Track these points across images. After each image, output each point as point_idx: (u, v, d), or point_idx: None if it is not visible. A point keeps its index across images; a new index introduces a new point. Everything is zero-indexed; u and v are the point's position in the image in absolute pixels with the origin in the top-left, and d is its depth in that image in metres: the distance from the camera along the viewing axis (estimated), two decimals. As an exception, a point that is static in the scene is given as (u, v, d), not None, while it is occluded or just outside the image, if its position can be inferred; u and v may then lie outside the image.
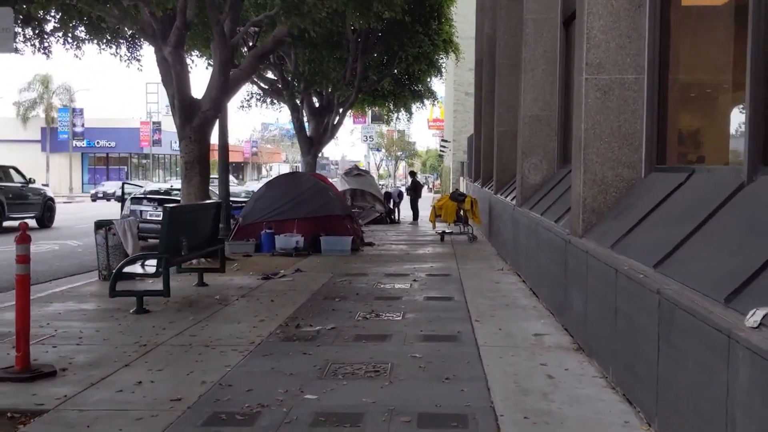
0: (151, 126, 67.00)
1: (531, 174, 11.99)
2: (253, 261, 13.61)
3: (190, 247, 9.21)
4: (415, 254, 14.83)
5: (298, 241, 14.81)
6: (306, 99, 23.71)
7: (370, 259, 13.82)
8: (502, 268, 12.28)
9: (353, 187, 25.55)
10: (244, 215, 15.79)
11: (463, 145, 39.10)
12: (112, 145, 67.98)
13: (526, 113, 12.03)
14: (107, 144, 67.86)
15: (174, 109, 13.18)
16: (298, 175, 16.64)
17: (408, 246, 16.56)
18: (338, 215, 15.70)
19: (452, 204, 17.57)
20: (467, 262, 13.37)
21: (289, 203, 15.72)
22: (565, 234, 7.51)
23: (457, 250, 15.55)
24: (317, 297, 9.43)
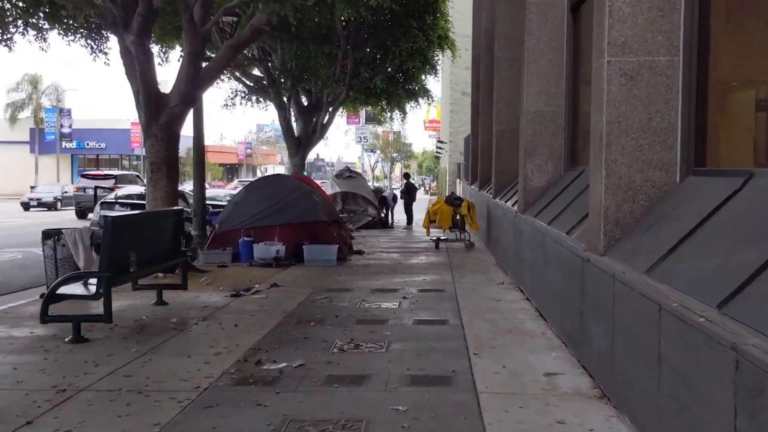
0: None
1: (535, 176, 10.71)
2: (226, 273, 12.30)
3: (142, 261, 7.91)
4: (408, 264, 13.54)
5: (279, 251, 13.51)
6: (294, 97, 22.43)
7: (357, 271, 12.53)
8: (502, 281, 10.99)
9: (344, 190, 24.27)
10: (221, 221, 14.49)
11: (460, 146, 37.87)
12: (102, 147, 66.82)
13: (528, 109, 10.75)
14: (97, 145, 66.69)
15: (139, 105, 11.89)
16: (281, 178, 15.36)
17: (400, 254, 15.28)
18: (324, 221, 14.41)
19: (448, 208, 16.29)
20: (464, 273, 12.09)
21: (270, 208, 14.42)
22: (582, 250, 6.23)
23: (453, 259, 14.26)
24: (290, 320, 8.13)
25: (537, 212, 9.73)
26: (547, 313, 7.97)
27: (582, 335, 6.08)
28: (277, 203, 14.48)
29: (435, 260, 14.19)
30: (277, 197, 14.59)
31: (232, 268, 13.07)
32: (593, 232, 5.99)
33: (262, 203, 14.51)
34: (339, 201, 24.03)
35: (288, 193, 14.71)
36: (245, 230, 14.13)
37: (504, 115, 15.31)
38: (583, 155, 10.44)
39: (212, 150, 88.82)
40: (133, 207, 16.36)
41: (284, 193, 14.69)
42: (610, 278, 5.13)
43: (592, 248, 5.98)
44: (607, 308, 5.21)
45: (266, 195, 14.69)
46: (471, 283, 11.01)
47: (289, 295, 9.89)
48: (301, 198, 14.66)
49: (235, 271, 12.62)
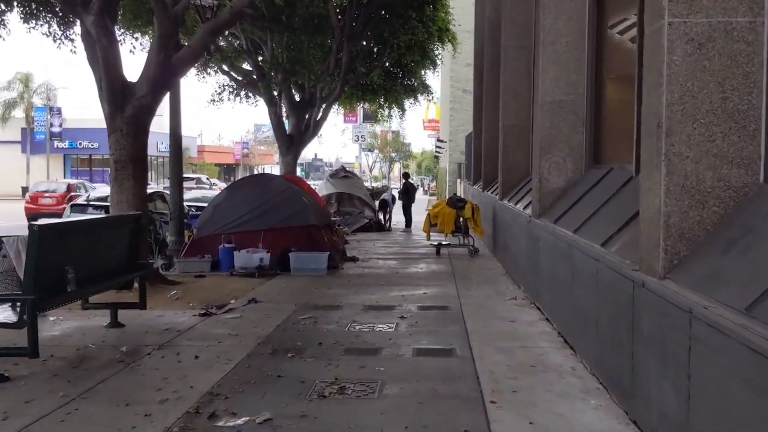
0: (135, 126, 64.29)
1: (552, 175, 9.33)
2: (202, 285, 10.91)
3: (84, 279, 6.52)
4: (406, 273, 12.15)
5: (263, 259, 12.12)
6: (285, 92, 21.02)
7: (350, 282, 11.14)
8: (515, 296, 9.59)
9: (339, 191, 22.91)
10: (200, 226, 13.09)
11: (461, 145, 36.49)
12: (95, 147, 65.37)
13: (544, 98, 9.35)
14: (90, 145, 65.27)
15: (102, 95, 10.49)
16: (267, 178, 13.98)
17: (398, 261, 13.88)
18: (314, 225, 13.00)
19: (450, 211, 14.90)
20: (470, 285, 10.69)
21: (254, 211, 13.03)
22: (629, 269, 4.85)
23: (456, 267, 12.87)
24: (263, 349, 6.73)
25: (556, 217, 8.34)
26: (576, 341, 6.58)
27: (633, 382, 4.69)
28: (261, 206, 13.09)
29: (436, 269, 12.80)
30: (262, 199, 13.20)
31: (210, 278, 11.68)
32: (648, 248, 4.59)
33: (245, 206, 13.12)
34: (334, 202, 22.68)
35: (274, 194, 13.32)
36: (226, 236, 12.74)
37: (511, 108, 13.95)
38: (609, 151, 9.07)
39: (209, 150, 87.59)
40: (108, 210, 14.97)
41: (270, 195, 13.30)
42: (683, 314, 3.75)
43: (646, 268, 4.59)
44: (678, 355, 3.83)
45: (250, 196, 13.29)
46: (478, 297, 9.62)
47: (268, 313, 8.49)
48: (289, 200, 13.26)
49: (212, 282, 11.23)
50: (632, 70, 7.11)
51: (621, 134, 9.00)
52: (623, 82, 8.54)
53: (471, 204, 14.89)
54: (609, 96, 9.16)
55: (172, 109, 13.57)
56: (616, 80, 8.92)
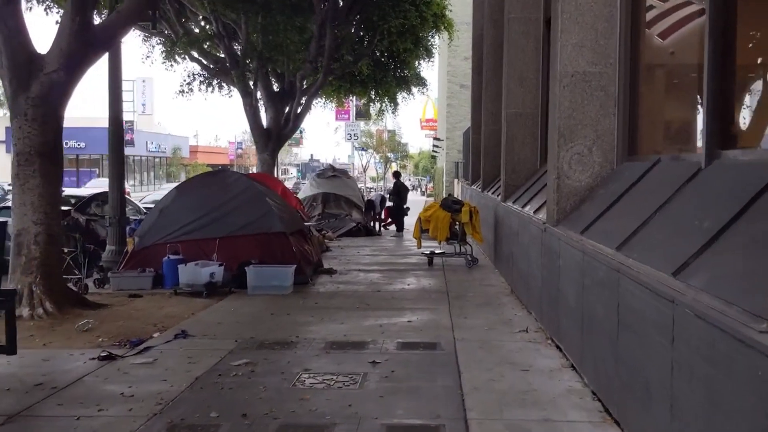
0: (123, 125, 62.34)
1: (574, 170, 7.13)
2: (131, 308, 8.70)
3: None
4: (390, 291, 9.95)
5: (214, 274, 9.90)
6: (261, 81, 18.82)
7: (317, 304, 8.93)
8: (525, 328, 7.37)
9: (325, 191, 20.68)
10: (142, 234, 10.88)
11: (458, 143, 34.31)
12: (81, 146, 63.48)
13: (564, 70, 7.15)
14: (76, 145, 63.22)
15: (3, 71, 8.29)
16: (225, 176, 11.74)
17: (382, 274, 11.67)
18: (280, 233, 10.79)
19: (444, 215, 12.69)
20: (467, 309, 8.49)
21: (207, 216, 10.83)
22: (757, 332, 2.66)
23: (451, 282, 10.66)
24: (155, 427, 4.53)
25: (584, 226, 6.14)
26: (630, 418, 4.37)
27: None
28: (217, 209, 10.90)
29: (427, 284, 10.59)
30: (218, 201, 11.00)
31: (147, 298, 9.47)
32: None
33: (197, 209, 10.92)
34: (319, 204, 20.49)
35: (233, 195, 11.12)
36: (172, 245, 10.54)
37: (516, 94, 11.76)
38: (650, 138, 6.88)
39: (202, 150, 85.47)
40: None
41: (227, 196, 11.10)
42: None
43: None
44: None
45: (203, 198, 11.09)
46: (478, 328, 7.41)
47: (193, 356, 6.28)
48: (251, 202, 11.06)
49: (147, 303, 9.02)
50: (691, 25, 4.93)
51: (671, 114, 6.81)
52: (677, 43, 6.36)
53: (469, 206, 12.69)
54: (652, 67, 6.98)
55: (111, 91, 11.41)
56: (662, 43, 6.74)
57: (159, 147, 72.36)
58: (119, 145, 11.47)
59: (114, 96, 11.26)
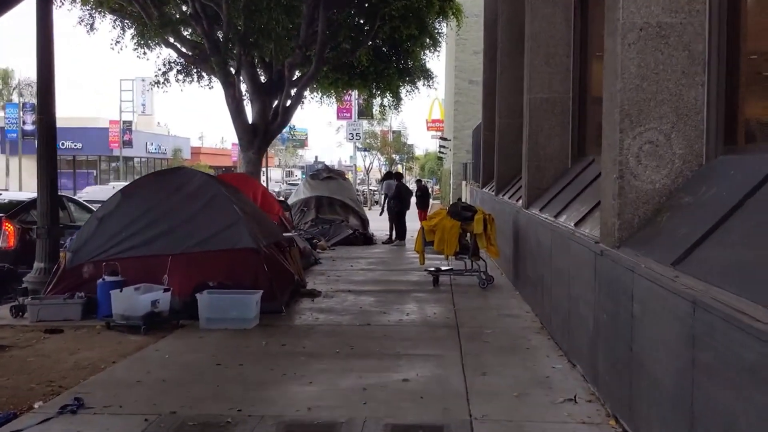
0: (121, 125, 60.40)
1: (644, 167, 4.90)
2: (37, 351, 6.52)
3: None
4: (382, 326, 7.70)
5: (157, 302, 7.69)
6: (246, 70, 16.62)
7: (284, 347, 6.70)
8: (574, 397, 5.11)
9: (319, 194, 18.48)
10: (77, 248, 8.66)
11: (467, 143, 32.08)
12: (78, 147, 61.60)
13: (629, 20, 4.90)
14: (73, 145, 61.38)
15: None
16: (183, 176, 9.50)
17: (376, 298, 9.43)
18: (249, 249, 8.57)
19: (452, 224, 10.44)
20: (485, 359, 6.24)
21: (159, 227, 8.66)
22: None
23: (461, 312, 8.42)
24: None
25: (678, 255, 3.90)
26: None
27: None
28: (171, 218, 8.71)
29: (431, 314, 8.35)
30: (172, 208, 8.82)
31: (69, 334, 7.29)
32: None
33: (147, 218, 8.73)
34: (312, 208, 18.32)
35: (191, 201, 8.92)
36: (108, 264, 8.33)
37: (543, 75, 9.58)
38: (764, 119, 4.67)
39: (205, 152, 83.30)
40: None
41: (185, 202, 8.90)
42: None
43: None
44: None
45: (154, 204, 8.89)
46: (504, 395, 5.17)
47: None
48: (214, 210, 8.85)
49: (61, 344, 6.82)
50: None
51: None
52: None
53: (483, 213, 10.44)
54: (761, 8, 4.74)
55: (40, 80, 9.19)
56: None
57: (159, 148, 70.46)
58: (49, 140, 9.24)
59: (43, 84, 9.03)
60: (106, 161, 64.21)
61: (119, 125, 61.54)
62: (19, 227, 10.61)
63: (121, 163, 62.16)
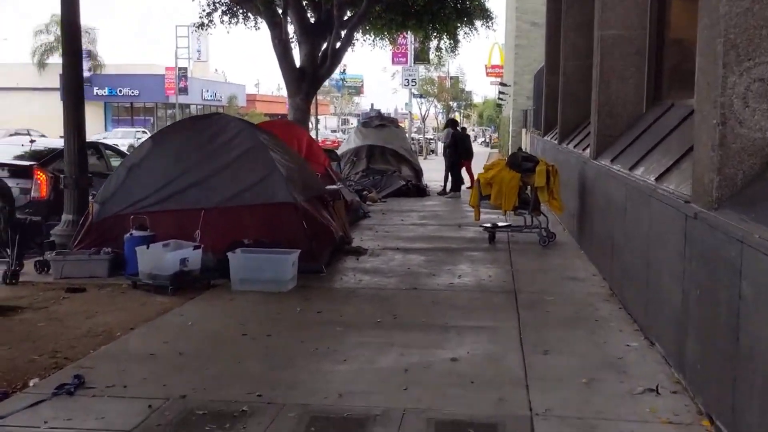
0: (176, 72, 60.25)
1: (753, 111, 3.95)
2: (51, 313, 5.97)
3: None
4: (431, 291, 6.93)
5: (186, 260, 7.07)
6: (294, 10, 15.72)
7: (320, 315, 5.98)
8: (655, 387, 4.24)
9: (371, 143, 17.64)
10: (104, 199, 8.09)
11: (527, 88, 30.68)
12: (135, 94, 62.01)
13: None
14: (130, 92, 61.80)
15: None
16: (218, 123, 8.77)
17: (426, 257, 8.65)
18: (287, 204, 7.85)
19: (511, 176, 9.52)
20: (547, 333, 5.42)
21: (191, 177, 8.00)
22: None
23: (520, 275, 7.58)
24: None
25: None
26: None
27: None
28: (204, 169, 8.05)
29: (486, 276, 7.54)
30: (206, 158, 8.14)
31: (92, 294, 6.75)
32: None
33: (178, 168, 8.09)
34: (363, 158, 17.50)
35: (226, 150, 8.21)
36: (136, 217, 7.72)
37: (616, 10, 8.52)
38: None
39: (260, 99, 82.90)
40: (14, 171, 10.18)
41: (219, 151, 8.21)
42: None
43: None
44: None
45: (187, 153, 8.23)
46: (570, 380, 4.37)
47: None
48: (250, 160, 8.14)
49: (79, 305, 6.26)
50: None
51: None
52: None
53: (545, 165, 9.49)
54: None
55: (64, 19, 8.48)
56: None
57: (215, 95, 70.30)
58: (76, 77, 8.61)
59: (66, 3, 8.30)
60: (162, 108, 64.53)
61: (175, 72, 61.32)
62: (52, 176, 10.10)
63: (177, 110, 62.17)
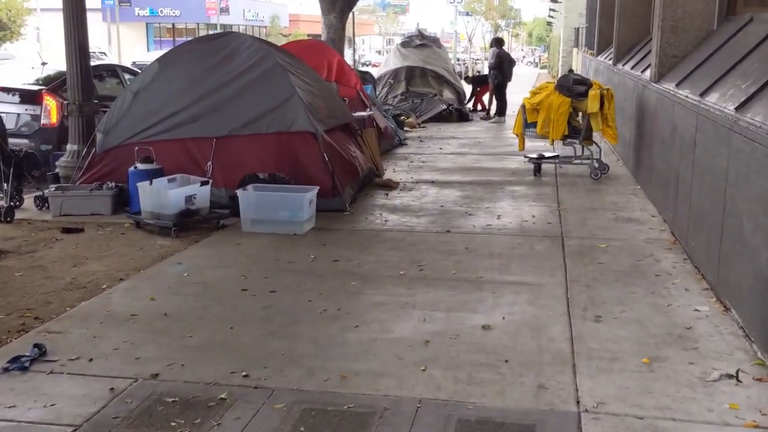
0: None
1: None
2: (36, 260, 5.35)
3: None
4: (465, 235, 6.09)
5: (193, 196, 6.35)
6: None
7: (335, 264, 5.22)
8: (735, 373, 3.42)
9: (410, 65, 16.58)
10: (108, 128, 7.38)
11: (579, 5, 28.84)
12: (176, 14, 60.97)
13: None
14: (172, 12, 60.78)
15: None
16: (230, 41, 7.85)
17: (463, 192, 7.80)
18: (306, 133, 7.04)
19: (561, 101, 8.49)
20: (599, 293, 4.57)
21: (202, 104, 7.22)
22: None
23: (568, 215, 6.70)
24: None
25: None
26: None
27: None
28: (216, 94, 7.24)
29: (529, 216, 6.66)
30: (219, 82, 7.32)
31: (88, 234, 6.12)
32: None
33: (188, 93, 7.31)
34: (402, 80, 16.51)
35: (240, 72, 7.36)
36: (142, 148, 7.00)
37: None
38: None
39: (304, 20, 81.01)
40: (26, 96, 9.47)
41: (233, 74, 7.36)
42: None
43: None
44: None
45: (197, 77, 7.41)
46: (626, 357, 3.54)
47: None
48: (266, 84, 7.29)
49: (70, 249, 5.63)
50: None
51: None
52: None
53: (599, 89, 8.43)
54: None
55: None
56: None
57: (257, 15, 68.86)
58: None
59: None
60: (204, 29, 63.54)
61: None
62: (64, 101, 9.40)
63: (218, 30, 61.04)
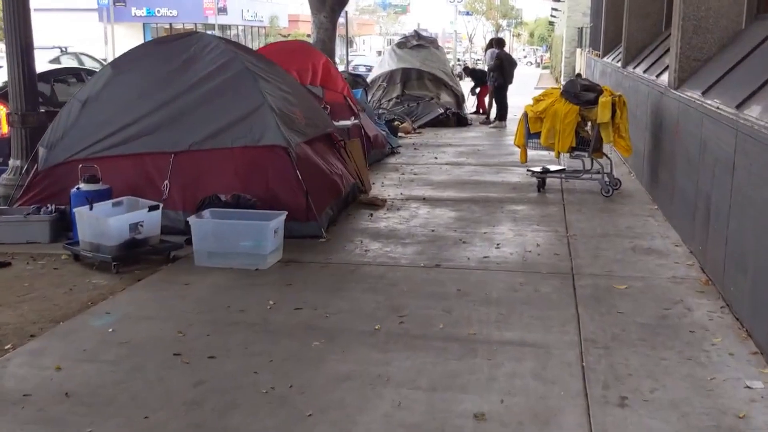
0: (215, -9, 58.15)
1: None
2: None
3: None
4: (457, 270, 5.17)
5: (140, 224, 5.41)
6: None
7: (294, 318, 4.28)
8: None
9: (406, 66, 15.66)
10: (52, 143, 6.45)
11: (583, 4, 27.94)
12: (173, 14, 60.15)
13: None
14: (168, 12, 59.97)
15: None
16: (192, 43, 6.89)
17: (457, 213, 6.88)
18: (275, 147, 6.10)
19: (568, 109, 7.55)
20: (621, 355, 3.67)
21: (159, 114, 6.30)
22: None
23: (578, 245, 5.75)
24: None
25: None
26: None
27: None
28: (175, 102, 6.34)
29: (532, 248, 5.70)
30: (179, 89, 6.40)
31: (15, 269, 5.21)
32: None
33: (144, 102, 6.38)
34: (398, 83, 15.59)
35: (202, 78, 6.44)
36: (86, 166, 6.06)
37: None
38: None
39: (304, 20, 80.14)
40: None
41: (195, 79, 6.44)
42: None
43: None
44: None
45: (155, 82, 6.49)
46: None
47: None
48: (233, 92, 6.37)
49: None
50: None
51: None
52: None
53: (610, 94, 7.49)
54: None
55: None
56: None
57: (256, 15, 68.04)
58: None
59: None
60: (201, 29, 62.75)
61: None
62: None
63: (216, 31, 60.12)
